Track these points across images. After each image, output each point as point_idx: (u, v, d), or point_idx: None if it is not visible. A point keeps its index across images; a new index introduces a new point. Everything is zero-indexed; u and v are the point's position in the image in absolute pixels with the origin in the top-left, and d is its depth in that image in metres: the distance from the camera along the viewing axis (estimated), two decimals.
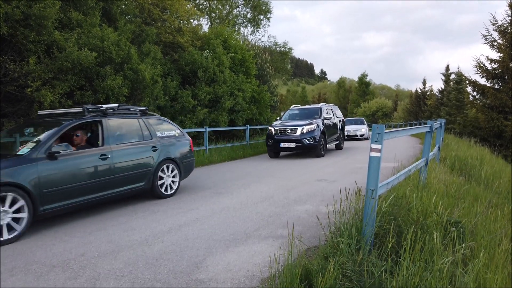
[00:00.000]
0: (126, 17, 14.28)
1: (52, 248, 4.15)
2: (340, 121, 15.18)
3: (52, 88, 8.60)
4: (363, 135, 22.84)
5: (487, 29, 20.31)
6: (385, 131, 3.44)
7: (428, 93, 50.57)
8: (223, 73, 17.02)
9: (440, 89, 44.38)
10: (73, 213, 5.75)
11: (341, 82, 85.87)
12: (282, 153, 13.71)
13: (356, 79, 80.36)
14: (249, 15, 35.12)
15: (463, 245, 3.30)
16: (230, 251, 3.85)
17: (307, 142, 12.04)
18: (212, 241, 4.18)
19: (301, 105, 16.82)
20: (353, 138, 22.82)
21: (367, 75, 75.71)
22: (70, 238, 4.49)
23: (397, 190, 4.44)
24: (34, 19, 8.24)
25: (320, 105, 14.37)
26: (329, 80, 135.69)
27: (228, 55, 18.37)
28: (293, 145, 12.19)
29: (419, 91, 52.58)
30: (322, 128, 12.51)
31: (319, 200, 6.06)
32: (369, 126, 28.31)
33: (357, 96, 74.38)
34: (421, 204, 4.06)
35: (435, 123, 7.04)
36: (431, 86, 52.92)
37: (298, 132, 12.18)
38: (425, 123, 7.49)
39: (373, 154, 3.34)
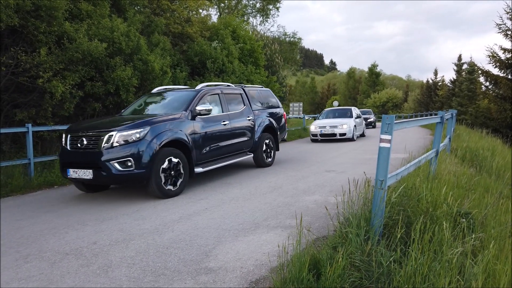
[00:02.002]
0: (135, 8, 14.29)
1: (65, 236, 4.24)
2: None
3: (63, 79, 8.68)
4: (344, 134, 14.98)
5: (501, 17, 19.93)
6: (395, 121, 3.42)
7: (439, 84, 49.95)
8: (232, 63, 17.00)
9: (452, 80, 43.80)
10: (86, 202, 5.84)
11: (351, 72, 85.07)
12: (290, 145, 15.15)
13: (366, 69, 79.61)
14: (258, 5, 34.85)
15: (473, 236, 3.29)
16: (239, 240, 3.89)
17: None
18: (221, 230, 4.23)
19: (310, 97, 19.05)
20: (329, 137, 15.29)
21: (377, 65, 75.06)
22: (82, 226, 4.58)
23: (407, 181, 4.43)
24: (44, 10, 8.29)
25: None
26: (338, 71, 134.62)
27: (237, 45, 18.32)
28: None
29: (431, 81, 51.94)
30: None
31: (327, 191, 6.06)
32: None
33: (367, 86, 73.76)
34: (430, 195, 4.04)
35: (446, 114, 6.97)
36: (443, 76, 52.17)
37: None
38: (436, 114, 7.42)
39: (383, 144, 3.33)
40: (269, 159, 8.90)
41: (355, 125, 15.45)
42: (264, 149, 8.65)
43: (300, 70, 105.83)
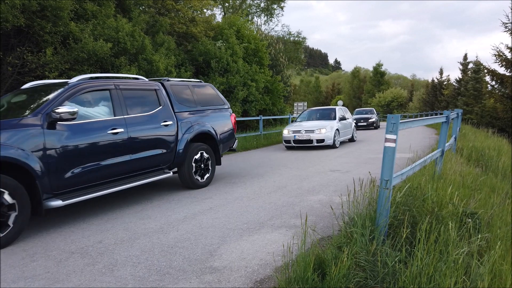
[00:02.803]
0: (140, 8, 14.33)
1: (71, 235, 4.26)
2: None
3: (68, 79, 8.72)
4: (322, 140, 12.22)
5: (507, 16, 19.75)
6: (400, 121, 3.40)
7: (445, 83, 49.68)
8: (236, 63, 17.00)
9: (458, 79, 43.54)
10: (91, 201, 5.87)
11: (356, 72, 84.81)
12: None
13: (371, 68, 79.33)
14: (262, 4, 34.86)
15: (479, 236, 3.27)
16: (244, 239, 3.89)
17: None
18: (226, 229, 4.23)
19: (315, 96, 18.18)
20: (304, 144, 12.60)
21: (382, 65, 74.72)
22: (88, 225, 4.60)
23: (412, 181, 4.41)
24: (50, 10, 8.35)
25: None
26: (343, 70, 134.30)
27: (241, 45, 18.33)
28: None
29: (436, 80, 51.67)
30: None
31: (332, 190, 6.05)
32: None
33: (371, 86, 73.51)
34: (436, 194, 4.02)
35: (451, 113, 6.93)
36: (448, 75, 51.76)
37: None
38: (441, 113, 7.38)
39: (388, 144, 3.32)
40: (204, 178, 6.63)
41: (337, 129, 12.73)
42: (195, 165, 6.46)
43: (305, 69, 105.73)
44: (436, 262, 2.71)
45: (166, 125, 5.99)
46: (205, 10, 18.87)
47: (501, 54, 20.03)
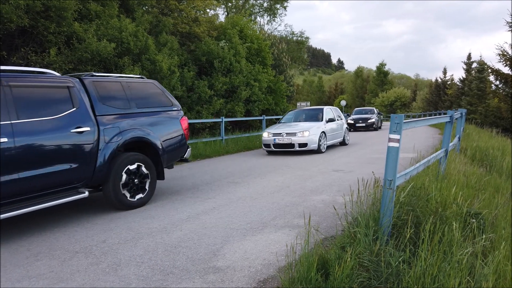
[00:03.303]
0: (144, 8, 14.37)
1: (75, 234, 4.28)
2: None
3: None
4: (305, 144, 10.89)
5: (511, 15, 19.65)
6: (404, 121, 3.40)
7: (448, 83, 49.47)
8: (239, 63, 17.01)
9: (461, 78, 43.36)
10: (94, 201, 5.89)
11: (359, 71, 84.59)
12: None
13: (374, 68, 79.11)
14: (265, 4, 34.84)
15: (483, 236, 3.26)
16: (247, 239, 3.89)
17: None
18: (229, 229, 4.24)
19: (318, 96, 17.79)
20: (285, 149, 11.24)
21: (385, 65, 74.52)
22: (91, 225, 4.61)
23: (416, 181, 4.40)
24: (54, 11, 8.38)
25: None
26: (346, 70, 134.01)
27: (244, 45, 18.34)
28: None
29: (440, 80, 51.46)
30: None
31: (335, 190, 6.04)
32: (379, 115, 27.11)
33: (375, 85, 73.30)
34: (440, 195, 4.01)
35: (455, 113, 6.90)
36: (452, 75, 51.75)
37: None
38: (445, 113, 7.35)
39: (392, 144, 3.31)
40: (137, 196, 5.35)
41: (323, 132, 11.35)
42: (124, 180, 5.13)
43: (308, 69, 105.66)
44: (440, 263, 2.71)
45: (80, 132, 4.68)
46: (208, 10, 18.89)
47: (505, 53, 19.94)
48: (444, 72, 51.27)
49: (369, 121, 22.73)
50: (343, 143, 13.56)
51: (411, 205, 3.75)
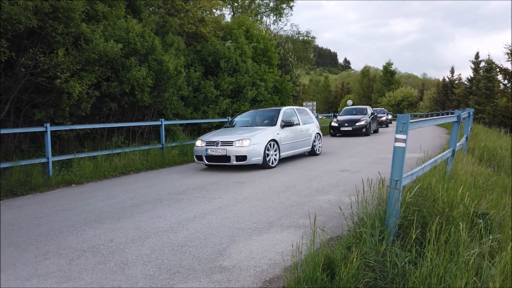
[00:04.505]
0: (150, 9, 14.43)
1: (83, 233, 4.32)
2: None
3: (80, 79, 8.84)
4: (243, 157, 8.28)
5: None
6: (410, 120, 3.39)
7: (456, 82, 49.11)
8: (245, 63, 17.02)
9: (469, 78, 43.03)
10: (102, 200, 5.95)
11: (365, 71, 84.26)
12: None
13: (381, 68, 78.72)
14: (271, 4, 34.85)
15: (490, 237, 3.24)
16: (253, 239, 3.91)
17: None
18: (235, 229, 4.25)
19: (324, 96, 17.04)
20: (220, 163, 8.63)
21: (392, 64, 74.17)
22: (99, 224, 4.66)
23: (422, 181, 4.38)
24: (62, 12, 8.45)
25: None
26: (352, 69, 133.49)
27: (250, 45, 18.34)
28: None
29: (447, 79, 51.09)
30: None
31: (341, 190, 6.04)
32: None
33: (381, 85, 72.97)
34: (447, 195, 3.99)
35: (463, 113, 6.86)
36: (460, 74, 51.31)
37: None
38: (452, 113, 7.30)
39: (398, 144, 3.30)
40: None
41: (273, 140, 8.75)
42: None
43: (314, 69, 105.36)
44: (447, 263, 2.70)
45: None
46: (214, 10, 18.92)
47: None
48: (452, 71, 50.92)
49: (357, 123, 17.81)
50: (313, 153, 10.71)
51: (417, 206, 3.74)
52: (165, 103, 12.14)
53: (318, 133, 11.03)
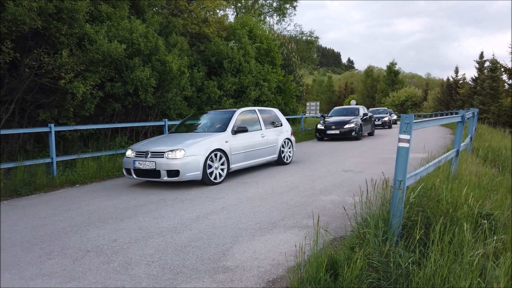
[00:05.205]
0: (154, 9, 14.46)
1: (87, 233, 4.34)
2: None
3: (84, 80, 8.87)
4: (176, 172, 6.57)
5: None
6: (414, 121, 3.37)
7: (460, 82, 48.90)
8: (249, 63, 17.03)
9: (474, 77, 42.83)
10: (106, 200, 5.96)
11: (369, 71, 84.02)
12: (307, 144, 13.22)
13: (385, 68, 78.51)
14: (274, 4, 34.85)
15: (495, 238, 3.22)
16: (256, 239, 3.91)
17: None
18: (238, 229, 4.26)
19: (327, 96, 16.24)
20: (150, 178, 6.95)
21: (396, 64, 73.89)
22: (103, 224, 4.67)
23: (426, 181, 4.36)
24: (66, 13, 8.49)
25: None
26: (356, 69, 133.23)
27: (253, 45, 18.36)
28: None
29: (451, 79, 50.88)
30: None
31: (345, 191, 6.02)
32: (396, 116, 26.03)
33: (385, 85, 72.75)
34: (451, 195, 3.97)
35: (467, 113, 6.82)
36: (464, 74, 51.16)
37: None
38: (456, 113, 7.26)
39: (402, 144, 3.29)
40: None
41: (219, 151, 7.13)
42: None
43: (317, 69, 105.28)
44: (451, 264, 2.69)
45: None
46: (217, 11, 18.95)
47: None
48: (456, 71, 50.73)
49: (346, 126, 15.32)
50: (280, 162, 9.15)
51: (421, 206, 3.72)
52: (169, 103, 12.17)
53: (287, 139, 9.42)
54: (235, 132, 7.71)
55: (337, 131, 15.40)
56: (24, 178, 7.17)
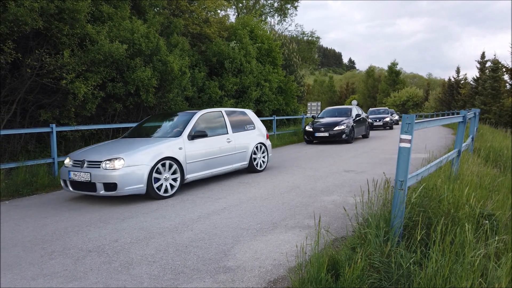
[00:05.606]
0: (155, 9, 14.48)
1: (88, 233, 4.34)
2: None
3: (85, 80, 8.89)
4: (112, 185, 5.60)
5: None
6: (416, 121, 3.37)
7: (462, 82, 48.83)
8: (250, 63, 17.04)
9: (475, 78, 42.76)
10: (107, 201, 5.97)
11: (370, 71, 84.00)
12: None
13: (386, 68, 78.47)
14: (276, 4, 34.85)
15: (496, 238, 3.22)
16: (258, 240, 3.91)
17: None
18: (239, 229, 4.26)
19: (329, 96, 15.89)
20: (85, 191, 5.94)
21: (397, 64, 73.89)
22: (104, 224, 4.68)
23: (427, 182, 4.36)
24: (67, 13, 8.50)
25: None
26: (357, 69, 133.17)
27: (254, 45, 18.36)
28: None
29: (453, 79, 50.81)
30: None
31: (346, 191, 6.02)
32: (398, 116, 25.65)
33: (386, 85, 72.72)
34: (452, 196, 3.97)
35: (468, 113, 6.81)
36: (465, 74, 51.14)
37: None
38: (458, 113, 7.26)
39: (403, 144, 3.29)
40: None
41: (170, 159, 6.17)
42: None
43: (318, 69, 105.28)
44: (452, 264, 2.68)
45: None
46: (218, 11, 18.96)
47: None
48: (458, 71, 50.64)
49: (335, 128, 14.35)
50: (251, 169, 8.25)
51: (422, 206, 3.72)
52: (170, 103, 12.18)
53: (261, 144, 8.51)
54: (192, 137, 6.72)
55: (326, 134, 14.39)
56: (25, 178, 7.18)
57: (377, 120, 24.47)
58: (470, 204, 3.79)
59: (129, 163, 5.67)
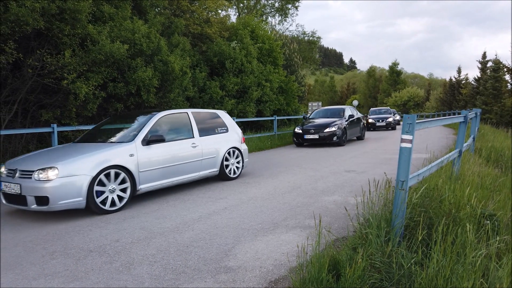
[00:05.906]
0: (156, 9, 14.50)
1: (89, 233, 4.35)
2: None
3: (86, 80, 8.90)
4: (44, 199, 4.82)
5: None
6: (417, 121, 3.37)
7: (463, 82, 48.78)
8: (251, 63, 17.04)
9: (476, 78, 42.71)
10: None
11: (371, 71, 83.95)
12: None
13: (387, 68, 78.42)
14: (276, 4, 34.85)
15: (498, 238, 3.21)
16: (258, 240, 3.91)
17: None
18: (240, 229, 4.26)
19: (330, 96, 15.68)
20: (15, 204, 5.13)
21: (398, 64, 73.84)
22: (105, 224, 4.68)
23: (429, 182, 4.35)
24: (69, 13, 8.51)
25: None
26: (358, 69, 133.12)
27: (255, 45, 18.36)
28: None
29: (454, 79, 50.75)
30: None
31: (347, 191, 6.02)
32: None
33: (387, 85, 72.68)
34: (453, 196, 3.96)
35: (470, 113, 6.80)
36: (467, 74, 51.06)
37: None
38: (459, 113, 7.25)
39: (404, 144, 3.28)
40: None
41: (118, 168, 5.36)
42: None
43: (319, 69, 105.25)
44: (453, 264, 2.68)
45: None
46: (219, 11, 18.97)
47: None
48: (459, 71, 50.58)
49: (326, 130, 13.33)
50: (223, 176, 7.38)
51: (423, 206, 3.72)
52: (171, 103, 12.19)
53: (235, 148, 7.63)
54: (148, 142, 5.89)
55: (316, 136, 13.34)
56: None
57: (380, 121, 23.74)
58: (471, 205, 3.79)
59: (65, 173, 4.88)
